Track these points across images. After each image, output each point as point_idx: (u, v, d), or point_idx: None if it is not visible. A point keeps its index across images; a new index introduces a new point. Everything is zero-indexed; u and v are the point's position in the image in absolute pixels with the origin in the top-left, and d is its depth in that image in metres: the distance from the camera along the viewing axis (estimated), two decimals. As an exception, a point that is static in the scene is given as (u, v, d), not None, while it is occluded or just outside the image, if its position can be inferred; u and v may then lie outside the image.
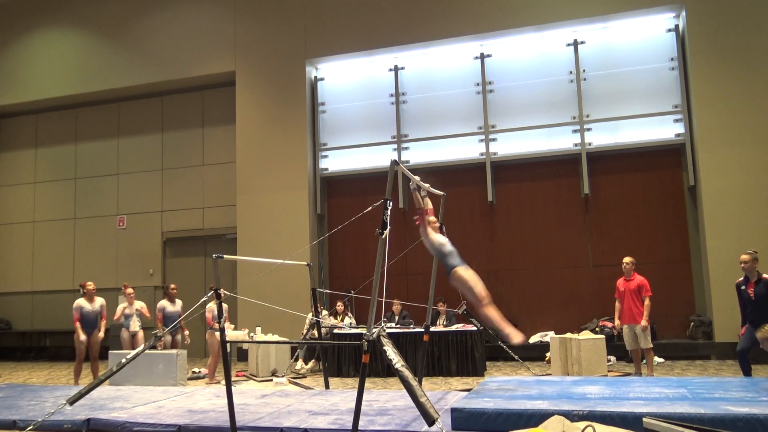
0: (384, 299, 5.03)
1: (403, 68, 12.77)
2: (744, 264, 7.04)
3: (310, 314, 10.11)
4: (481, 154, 12.06)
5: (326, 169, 13.08)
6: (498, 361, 10.74)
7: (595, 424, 3.32)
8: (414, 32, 12.31)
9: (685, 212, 11.17)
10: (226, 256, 5.97)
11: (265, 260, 7.45)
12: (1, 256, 15.36)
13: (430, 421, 4.02)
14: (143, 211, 14.36)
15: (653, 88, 11.32)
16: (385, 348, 4.42)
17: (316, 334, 8.34)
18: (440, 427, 4.02)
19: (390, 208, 4.80)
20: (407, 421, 4.99)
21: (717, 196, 10.43)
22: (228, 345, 5.54)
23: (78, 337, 8.97)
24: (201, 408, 5.97)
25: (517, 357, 8.81)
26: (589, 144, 11.53)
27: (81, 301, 9.17)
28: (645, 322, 8.18)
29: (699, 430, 2.94)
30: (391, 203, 4.84)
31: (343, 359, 9.91)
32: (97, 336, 9.20)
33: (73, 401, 5.41)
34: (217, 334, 7.80)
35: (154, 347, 7.65)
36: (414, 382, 4.21)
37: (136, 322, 9.61)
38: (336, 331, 10.31)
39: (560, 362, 8.84)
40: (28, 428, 5.26)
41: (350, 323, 11.00)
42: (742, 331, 7.08)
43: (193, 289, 12.50)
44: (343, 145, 12.98)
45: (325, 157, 13.10)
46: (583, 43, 11.73)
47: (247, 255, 10.89)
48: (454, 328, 9.92)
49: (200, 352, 12.87)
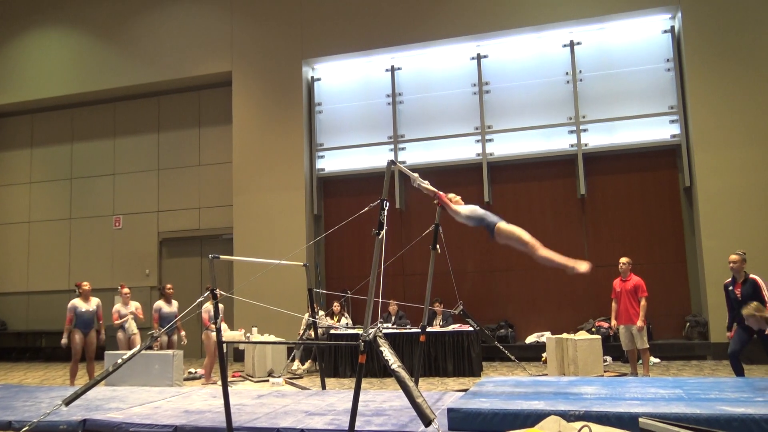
0: (381, 300, 5.02)
1: (399, 69, 12.78)
2: (733, 264, 7.08)
3: (307, 315, 10.09)
4: (478, 155, 12.08)
5: (323, 170, 13.08)
6: (494, 362, 10.75)
7: (592, 425, 3.33)
8: (411, 33, 12.32)
9: (680, 213, 11.21)
10: (222, 256, 5.96)
11: (262, 260, 7.44)
12: (-3, 257, 15.33)
13: (427, 422, 4.02)
14: (139, 212, 14.34)
15: (649, 89, 11.36)
16: (381, 348, 4.41)
17: (313, 335, 8.33)
18: (437, 427, 4.02)
19: (387, 208, 4.79)
20: (404, 422, 4.99)
21: (713, 197, 10.47)
22: (224, 345, 5.53)
23: (63, 338, 9.00)
24: (197, 408, 5.95)
25: (513, 357, 8.82)
26: (586, 145, 11.56)
27: (76, 302, 9.15)
28: (641, 323, 8.21)
29: (695, 430, 2.95)
30: (388, 203, 4.84)
31: (340, 360, 9.91)
32: (93, 336, 9.19)
33: (68, 402, 5.39)
34: (213, 334, 7.80)
35: (151, 348, 7.61)
36: (410, 383, 4.21)
37: (132, 324, 9.55)
38: (332, 331, 10.31)
39: (556, 362, 8.86)
40: (24, 429, 5.23)
41: (347, 324, 11.00)
42: (730, 334, 7.10)
43: (190, 290, 12.45)
44: (340, 145, 12.98)
45: (322, 157, 13.10)
46: (579, 44, 11.76)
47: (243, 255, 10.87)
48: (450, 328, 9.93)
49: (196, 353, 12.86)
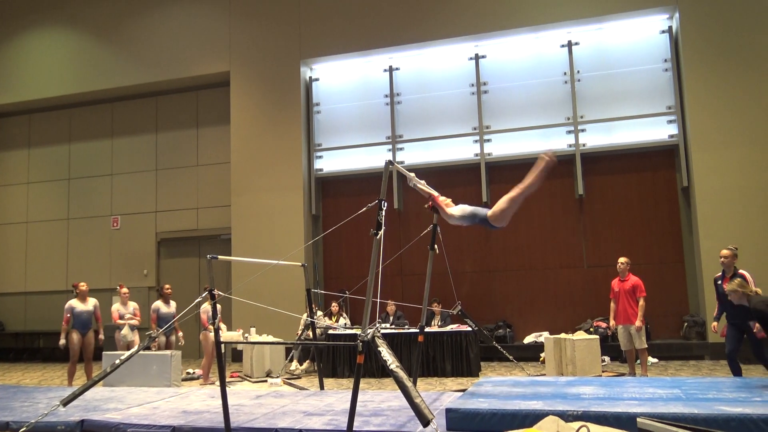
0: (379, 300, 5.03)
1: (398, 69, 12.78)
2: (724, 259, 7.12)
3: (305, 315, 10.10)
4: (476, 155, 12.08)
5: (321, 170, 13.07)
6: (492, 362, 10.75)
7: (590, 425, 3.33)
8: (409, 33, 12.32)
9: (678, 213, 11.23)
10: (220, 256, 5.96)
11: (260, 261, 7.44)
12: (-6, 257, 15.30)
13: (425, 422, 4.02)
14: (137, 212, 14.32)
15: (647, 89, 11.37)
16: (379, 349, 4.42)
17: (311, 335, 8.33)
18: (435, 427, 4.02)
19: (385, 208, 4.80)
20: (402, 422, 4.99)
21: (710, 197, 10.48)
22: (222, 346, 5.53)
23: (61, 339, 8.96)
24: (195, 409, 5.95)
25: (511, 357, 8.82)
26: (584, 145, 11.57)
27: (73, 302, 9.13)
28: (639, 323, 8.21)
29: (693, 430, 2.95)
30: (386, 204, 4.84)
31: (338, 360, 9.91)
32: (90, 337, 9.17)
33: (66, 402, 5.39)
34: (211, 334, 7.79)
35: (149, 348, 7.61)
36: (409, 383, 4.21)
37: (128, 333, 9.46)
38: (331, 331, 10.30)
39: (555, 362, 8.87)
40: (22, 429, 5.23)
41: (345, 324, 10.99)
42: (715, 325, 7.26)
43: (188, 290, 12.46)
44: (338, 145, 12.97)
45: (320, 157, 13.09)
46: (577, 44, 11.77)
47: (241, 256, 10.86)
48: (448, 328, 9.93)
49: (195, 353, 12.84)
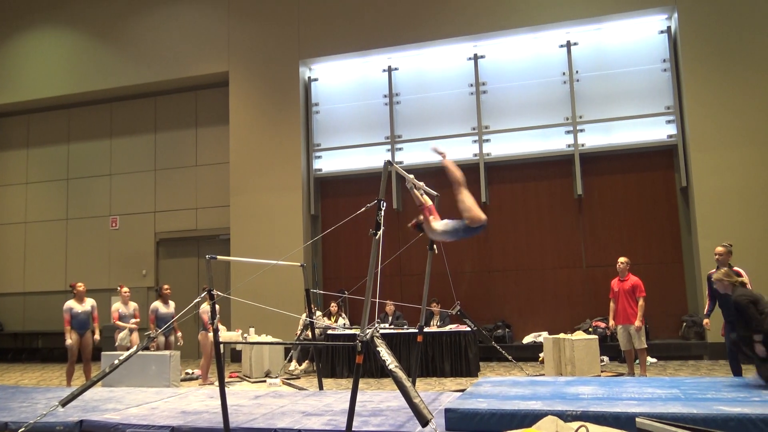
0: (378, 300, 5.03)
1: (396, 69, 12.78)
2: (719, 256, 7.13)
3: (304, 315, 10.10)
4: (475, 155, 12.08)
5: (320, 170, 13.07)
6: (491, 362, 10.75)
7: (589, 425, 3.33)
8: (408, 33, 12.32)
9: (677, 213, 11.23)
10: (219, 256, 5.96)
11: (259, 261, 7.44)
12: (-7, 257, 15.29)
13: (424, 422, 4.02)
14: (136, 212, 14.31)
15: (646, 89, 11.38)
16: (378, 349, 4.42)
17: (310, 335, 8.33)
18: (434, 427, 4.03)
19: (384, 208, 4.80)
20: (401, 422, 4.99)
21: (709, 197, 10.49)
22: (221, 346, 5.53)
23: (66, 339, 8.91)
24: (194, 409, 5.95)
25: (510, 357, 8.82)
26: (582, 145, 11.57)
27: (71, 303, 9.10)
28: (639, 323, 8.21)
29: (691, 430, 2.96)
30: (385, 204, 4.84)
31: (337, 360, 9.90)
32: (89, 337, 9.15)
33: (65, 403, 5.39)
34: (210, 335, 7.78)
35: (147, 348, 7.61)
36: (408, 383, 4.21)
37: (126, 334, 9.45)
38: (330, 332, 10.30)
39: (553, 363, 8.87)
40: (21, 430, 5.22)
41: (344, 324, 10.99)
42: (707, 321, 7.34)
43: (187, 290, 12.46)
44: (337, 145, 12.97)
45: (319, 157, 13.09)
46: (576, 44, 11.77)
47: (240, 256, 10.86)
48: (447, 328, 9.93)
49: (193, 353, 12.82)
